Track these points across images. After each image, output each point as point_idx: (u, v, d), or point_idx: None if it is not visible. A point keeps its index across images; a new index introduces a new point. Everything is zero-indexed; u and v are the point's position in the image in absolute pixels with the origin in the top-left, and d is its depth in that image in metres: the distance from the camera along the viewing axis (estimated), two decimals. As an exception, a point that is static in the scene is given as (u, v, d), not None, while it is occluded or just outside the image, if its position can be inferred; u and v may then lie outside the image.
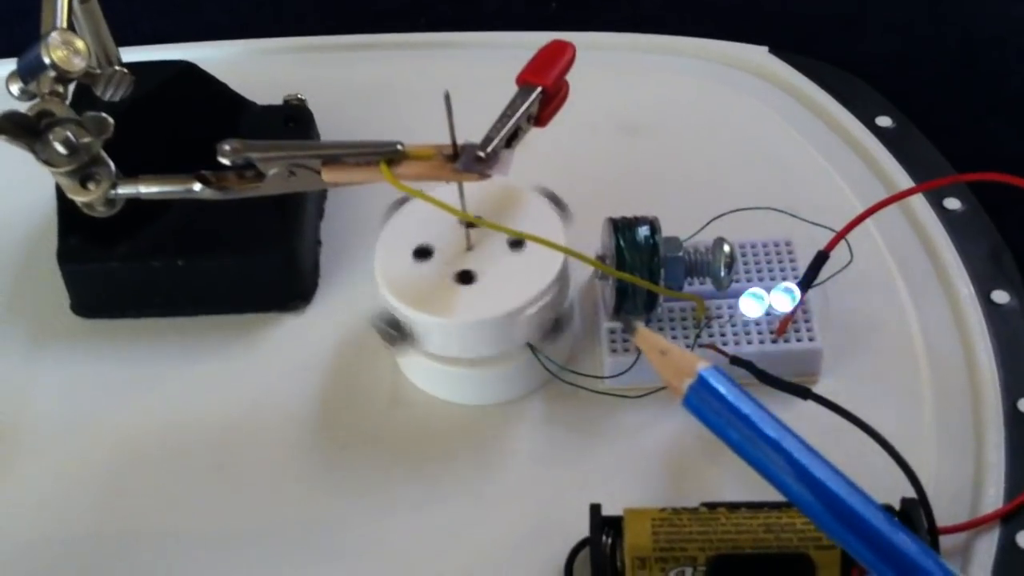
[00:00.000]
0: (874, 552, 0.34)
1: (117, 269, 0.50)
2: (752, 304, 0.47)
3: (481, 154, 0.41)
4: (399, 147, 0.41)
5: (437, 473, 0.46)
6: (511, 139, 0.42)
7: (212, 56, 0.60)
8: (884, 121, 0.57)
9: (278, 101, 0.56)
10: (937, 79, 0.62)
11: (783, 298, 0.46)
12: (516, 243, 0.46)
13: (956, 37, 0.64)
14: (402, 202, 0.48)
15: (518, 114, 0.42)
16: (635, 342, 0.37)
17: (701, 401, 0.35)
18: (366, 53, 0.63)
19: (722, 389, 0.35)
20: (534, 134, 0.44)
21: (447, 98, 0.41)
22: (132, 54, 0.53)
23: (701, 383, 0.35)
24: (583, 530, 0.41)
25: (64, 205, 0.49)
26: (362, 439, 0.47)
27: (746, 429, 0.35)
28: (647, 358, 0.37)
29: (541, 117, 0.44)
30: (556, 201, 0.48)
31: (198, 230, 0.50)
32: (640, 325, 0.38)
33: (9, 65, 0.42)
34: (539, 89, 0.43)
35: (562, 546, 0.42)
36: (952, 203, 0.53)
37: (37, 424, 0.49)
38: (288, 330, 0.51)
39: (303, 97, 0.56)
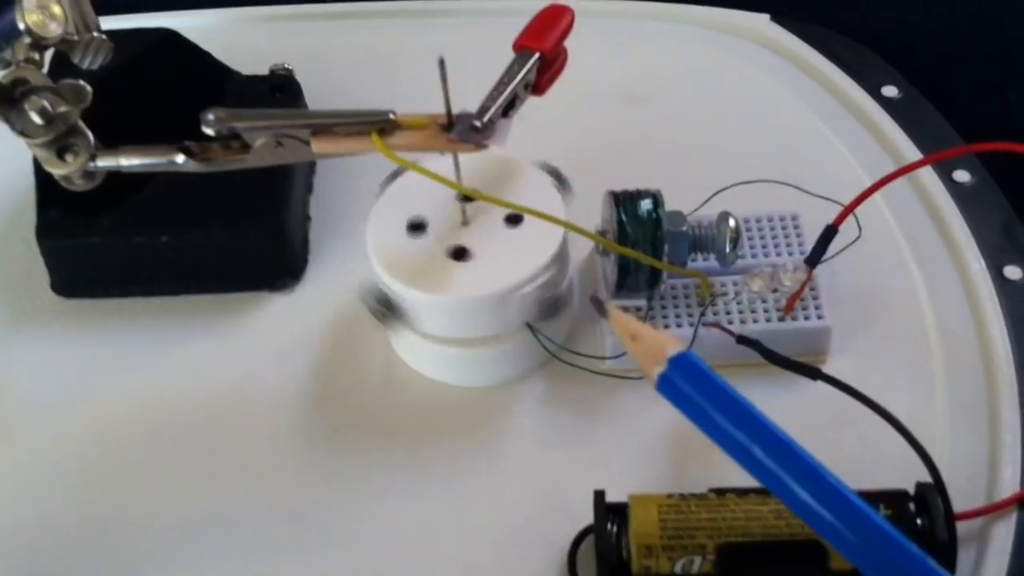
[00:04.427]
0: (860, 536, 0.32)
1: (98, 245, 0.48)
2: (759, 281, 0.45)
3: (477, 123, 0.40)
4: (392, 116, 0.40)
5: (433, 458, 0.44)
6: (508, 108, 0.41)
7: (195, 24, 0.58)
8: (890, 91, 0.56)
9: (264, 71, 0.54)
10: (947, 44, 0.60)
11: (791, 275, 0.45)
12: (513, 219, 0.45)
13: (967, 5, 0.62)
14: (396, 174, 0.46)
15: (515, 81, 0.41)
16: (609, 326, 0.36)
17: (672, 388, 0.34)
18: (356, 21, 0.61)
19: (693, 377, 0.34)
20: (531, 103, 0.42)
21: (441, 64, 0.39)
22: (112, 22, 0.51)
23: (672, 370, 0.34)
24: (586, 516, 0.40)
25: (43, 178, 0.47)
26: (355, 422, 0.46)
27: (719, 416, 0.33)
28: (621, 343, 0.35)
29: (539, 84, 0.42)
30: (558, 177, 0.46)
31: (183, 203, 0.48)
32: (613, 307, 0.36)
33: (-19, 31, 0.40)
34: (537, 55, 0.42)
35: (565, 533, 0.41)
36: (962, 175, 0.52)
37: (16, 408, 0.47)
38: (277, 309, 0.49)
39: (290, 67, 0.54)
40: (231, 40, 0.57)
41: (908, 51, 0.59)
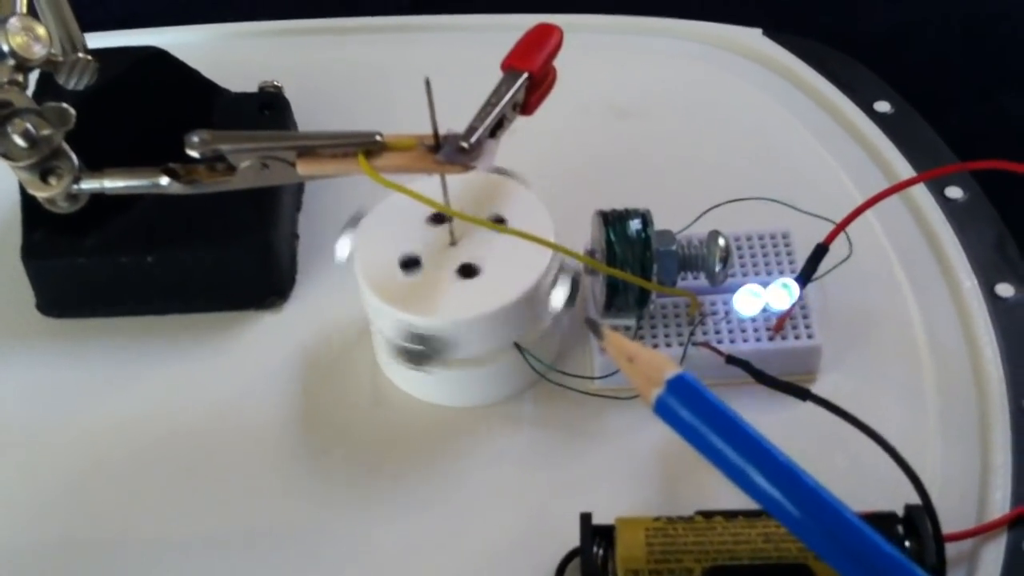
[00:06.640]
0: (857, 560, 0.32)
1: (85, 265, 0.48)
2: (748, 300, 0.45)
3: (464, 144, 0.39)
4: (378, 138, 0.39)
5: (420, 479, 0.44)
6: (496, 128, 0.41)
7: (183, 41, 0.58)
8: (882, 106, 0.56)
9: (253, 88, 0.54)
10: (940, 49, 0.60)
11: (781, 294, 0.45)
12: (497, 223, 0.44)
13: (960, 10, 0.62)
14: (355, 221, 0.45)
15: (503, 102, 0.41)
16: (603, 347, 0.36)
17: (669, 411, 0.33)
18: (345, 37, 0.61)
19: (692, 399, 0.33)
20: (520, 121, 0.42)
21: (427, 85, 0.39)
22: (99, 39, 0.50)
23: (669, 392, 0.33)
24: (572, 538, 0.39)
25: (28, 198, 0.47)
26: (342, 443, 0.45)
27: (718, 438, 0.33)
28: (617, 365, 0.35)
29: (527, 104, 0.42)
30: (508, 173, 0.46)
31: (170, 222, 0.48)
32: (608, 329, 0.36)
33: (-36, 53, 0.40)
34: (525, 75, 0.41)
35: (550, 556, 0.40)
36: (954, 192, 0.52)
37: (1, 428, 0.47)
38: (264, 329, 0.49)
39: (279, 84, 0.54)
40: (220, 56, 0.57)
41: (901, 57, 0.59)
